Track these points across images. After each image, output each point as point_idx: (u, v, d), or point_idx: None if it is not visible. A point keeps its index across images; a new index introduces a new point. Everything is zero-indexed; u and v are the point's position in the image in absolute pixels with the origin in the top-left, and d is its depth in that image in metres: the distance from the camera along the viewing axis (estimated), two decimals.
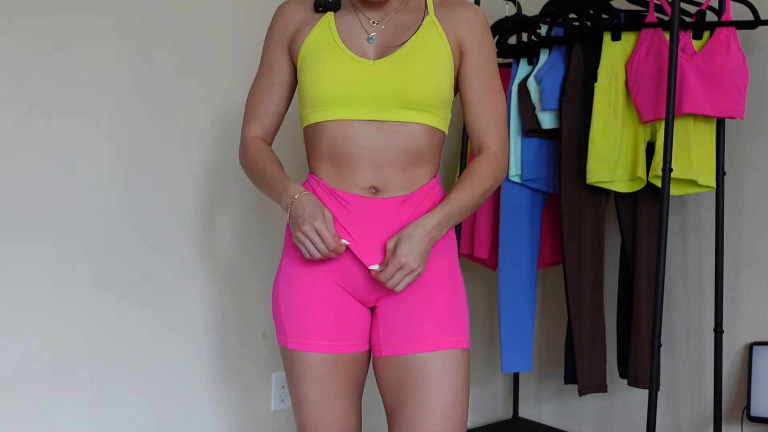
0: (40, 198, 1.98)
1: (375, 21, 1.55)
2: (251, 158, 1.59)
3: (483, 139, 1.56)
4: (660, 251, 2.06)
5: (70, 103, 2.02)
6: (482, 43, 1.55)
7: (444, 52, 1.52)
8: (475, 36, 1.54)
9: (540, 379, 2.85)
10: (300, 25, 1.57)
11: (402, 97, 1.48)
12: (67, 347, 2.03)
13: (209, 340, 2.28)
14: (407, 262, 1.43)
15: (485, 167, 1.53)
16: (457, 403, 1.46)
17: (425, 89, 1.48)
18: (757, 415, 2.18)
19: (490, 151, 1.55)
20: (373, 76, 1.49)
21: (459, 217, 1.52)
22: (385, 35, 1.53)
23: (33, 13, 1.96)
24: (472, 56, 1.54)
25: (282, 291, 1.54)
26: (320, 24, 1.55)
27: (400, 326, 1.49)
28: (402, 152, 1.49)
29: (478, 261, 2.64)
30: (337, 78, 1.49)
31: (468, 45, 1.54)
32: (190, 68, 2.21)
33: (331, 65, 1.50)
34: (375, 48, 1.53)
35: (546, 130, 2.38)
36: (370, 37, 1.53)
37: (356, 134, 1.48)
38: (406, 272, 1.44)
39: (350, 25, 1.55)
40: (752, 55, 2.26)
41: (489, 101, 1.56)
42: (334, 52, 1.51)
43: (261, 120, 1.62)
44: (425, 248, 1.45)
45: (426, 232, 1.45)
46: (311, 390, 1.50)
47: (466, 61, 1.55)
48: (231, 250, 2.31)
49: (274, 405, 2.40)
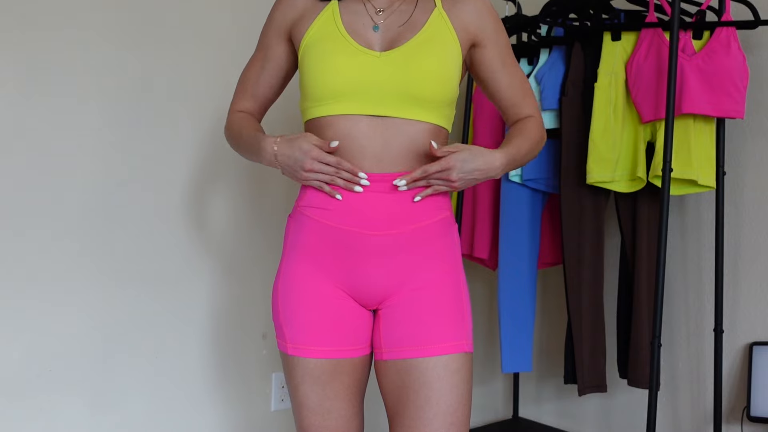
0: (40, 198, 1.98)
1: (381, 9, 1.51)
2: (231, 126, 1.60)
3: (521, 112, 1.59)
4: (660, 251, 2.06)
5: (70, 103, 2.02)
6: (497, 30, 1.56)
7: (453, 47, 1.49)
8: (489, 24, 1.54)
9: (540, 379, 2.84)
10: (302, 14, 1.54)
11: (409, 92, 1.44)
12: (67, 347, 2.03)
13: (209, 340, 2.28)
14: (452, 166, 1.41)
15: (534, 127, 1.58)
16: (459, 408, 1.43)
17: (433, 85, 1.45)
18: (757, 415, 2.18)
19: (533, 117, 1.60)
20: (380, 68, 1.44)
21: (517, 163, 1.53)
22: (391, 26, 1.50)
23: (32, 13, 1.96)
24: (493, 45, 1.55)
25: (282, 295, 1.52)
26: (324, 13, 1.51)
27: (402, 330, 1.46)
28: (406, 152, 1.46)
29: (478, 261, 2.64)
30: (341, 70, 1.44)
31: (484, 35, 1.53)
32: (190, 68, 2.21)
33: (335, 57, 1.45)
34: (381, 39, 1.49)
35: (546, 130, 2.37)
36: (376, 26, 1.49)
37: (360, 134, 1.44)
38: (442, 176, 1.42)
39: (355, 13, 1.51)
40: (752, 55, 2.26)
41: (519, 81, 1.59)
42: (338, 42, 1.47)
43: (249, 98, 1.63)
44: (477, 178, 1.45)
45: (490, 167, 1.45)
46: (312, 395, 1.48)
47: (487, 51, 1.55)
48: (231, 251, 2.31)
49: (273, 405, 2.39)
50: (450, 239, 1.52)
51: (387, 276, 1.47)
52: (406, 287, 1.48)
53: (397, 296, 1.47)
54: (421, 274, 1.48)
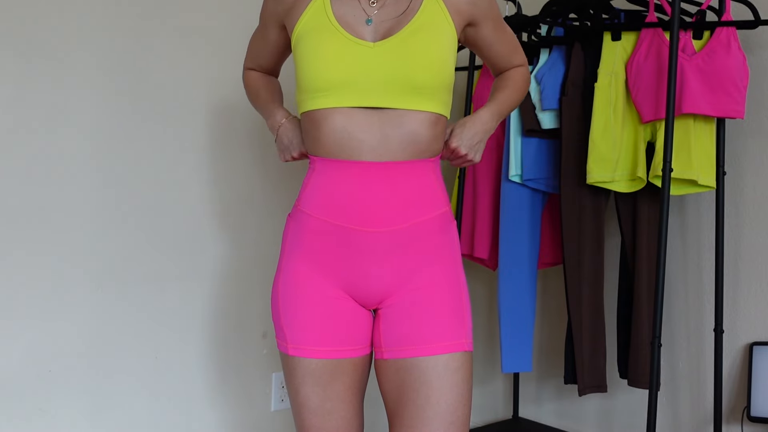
0: (40, 198, 1.98)
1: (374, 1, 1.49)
2: (247, 83, 1.74)
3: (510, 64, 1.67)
4: (660, 251, 2.06)
5: (69, 103, 2.02)
6: (489, 4, 1.57)
7: (448, 31, 1.47)
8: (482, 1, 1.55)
9: (540, 379, 2.84)
10: (293, 4, 1.52)
11: (407, 81, 1.41)
12: (67, 347, 2.02)
13: (209, 340, 2.28)
14: (458, 146, 1.52)
15: (518, 75, 1.67)
16: (459, 407, 1.43)
17: (431, 71, 1.43)
18: (757, 415, 2.18)
19: (520, 66, 1.68)
20: (375, 59, 1.42)
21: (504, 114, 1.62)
22: (384, 15, 1.47)
23: (30, 13, 1.96)
24: (487, 20, 1.58)
25: (282, 294, 1.51)
26: (314, 3, 1.49)
27: (402, 329, 1.46)
28: (406, 144, 1.44)
29: (478, 261, 2.64)
30: (334, 61, 1.42)
31: (478, 13, 1.55)
32: (191, 67, 2.21)
33: (326, 47, 1.43)
34: (374, 29, 1.46)
35: (546, 130, 2.38)
36: (369, 19, 1.47)
37: (357, 128, 1.42)
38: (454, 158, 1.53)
39: (347, 4, 1.48)
40: (752, 55, 2.26)
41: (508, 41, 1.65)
42: (329, 33, 1.44)
43: (257, 65, 1.73)
44: (481, 138, 1.54)
45: (482, 122, 1.55)
46: (313, 396, 1.47)
47: (482, 27, 1.58)
48: (231, 250, 2.31)
49: (274, 405, 2.39)
50: (449, 236, 1.52)
51: (386, 275, 1.47)
52: (405, 286, 1.47)
53: (396, 295, 1.47)
54: (421, 273, 1.48)
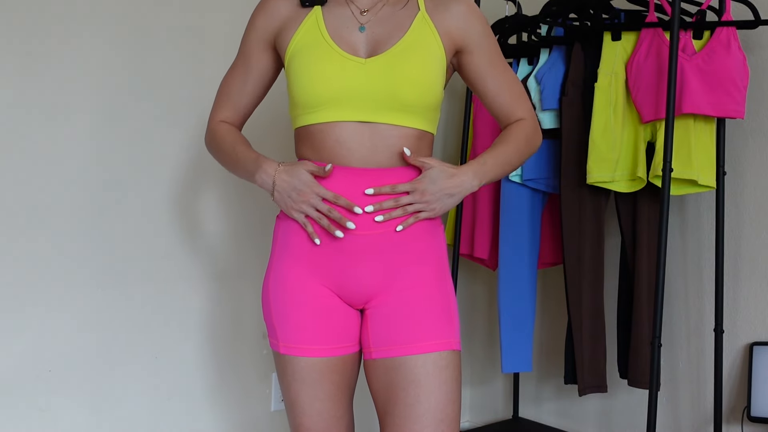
0: (40, 198, 1.98)
1: (365, 10, 1.51)
2: (221, 140, 1.58)
3: (512, 115, 1.59)
4: (660, 251, 2.06)
5: (69, 104, 2.02)
6: (483, 33, 1.55)
7: (437, 52, 1.49)
8: (474, 28, 1.53)
9: (540, 379, 2.84)
10: (285, 22, 1.53)
11: (394, 99, 1.45)
12: (67, 347, 2.03)
13: (209, 340, 2.28)
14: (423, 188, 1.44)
15: (521, 130, 1.57)
16: (449, 405, 1.44)
17: (417, 91, 1.46)
18: (757, 415, 2.17)
19: (523, 120, 1.59)
20: (366, 76, 1.45)
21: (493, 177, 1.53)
22: (375, 28, 1.50)
23: (30, 13, 1.96)
24: (480, 49, 1.54)
25: (272, 294, 1.53)
26: (308, 20, 1.50)
27: (390, 328, 1.47)
28: (392, 156, 1.47)
29: (478, 261, 2.64)
30: (328, 78, 1.45)
31: (470, 39, 1.53)
32: (190, 67, 2.21)
33: (322, 65, 1.46)
34: (366, 43, 1.49)
35: (546, 130, 2.37)
36: (362, 27, 1.49)
37: (348, 138, 1.46)
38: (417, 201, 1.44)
39: (339, 17, 1.50)
40: (752, 55, 2.26)
41: (508, 84, 1.59)
42: (323, 50, 1.47)
43: (231, 108, 1.61)
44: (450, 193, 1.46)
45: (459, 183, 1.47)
46: (302, 394, 1.49)
47: (474, 56, 1.55)
48: (230, 250, 2.31)
49: (273, 405, 2.40)
50: (436, 239, 1.53)
51: (374, 276, 1.48)
52: (392, 287, 1.49)
53: (383, 295, 1.49)
54: (408, 273, 1.49)
